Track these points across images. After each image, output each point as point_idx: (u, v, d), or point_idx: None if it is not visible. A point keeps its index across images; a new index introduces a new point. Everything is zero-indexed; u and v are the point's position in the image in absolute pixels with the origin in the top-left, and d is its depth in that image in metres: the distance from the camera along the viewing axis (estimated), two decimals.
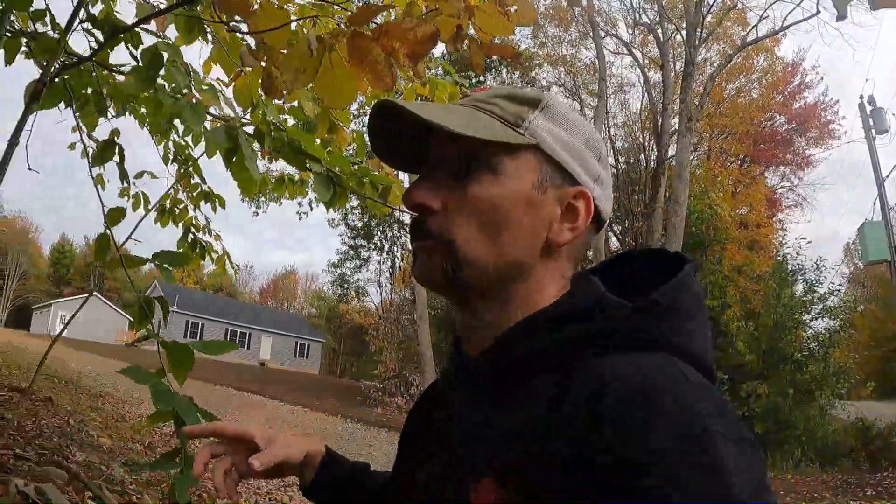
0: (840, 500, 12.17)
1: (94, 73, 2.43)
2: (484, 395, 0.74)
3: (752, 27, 20.57)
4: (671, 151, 21.09)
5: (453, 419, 0.78)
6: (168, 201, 3.99)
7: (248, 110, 2.37)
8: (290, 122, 2.52)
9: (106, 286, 62.19)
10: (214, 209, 3.96)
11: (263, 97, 2.35)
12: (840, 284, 28.87)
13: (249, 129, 2.31)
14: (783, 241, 24.58)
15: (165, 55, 1.88)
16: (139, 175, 3.70)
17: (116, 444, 7.25)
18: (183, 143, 3.69)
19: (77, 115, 2.53)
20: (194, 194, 3.96)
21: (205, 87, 2.06)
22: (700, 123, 21.60)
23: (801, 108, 27.32)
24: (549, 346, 0.69)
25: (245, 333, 43.81)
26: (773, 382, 19.39)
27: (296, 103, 2.40)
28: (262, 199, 23.28)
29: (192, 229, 3.99)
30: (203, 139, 2.87)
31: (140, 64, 1.89)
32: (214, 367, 29.08)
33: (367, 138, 0.84)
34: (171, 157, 3.87)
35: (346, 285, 42.61)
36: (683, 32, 20.30)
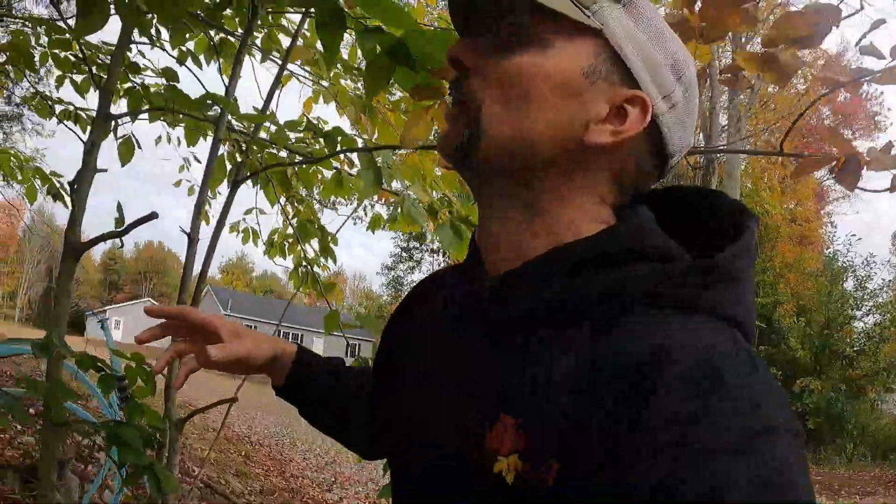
0: (893, 493, 12.28)
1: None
2: (505, 330, 0.66)
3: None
4: None
5: (464, 348, 0.71)
6: (276, 236, 4.41)
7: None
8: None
9: (158, 292, 63.66)
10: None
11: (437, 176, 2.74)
12: (891, 278, 28.55)
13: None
14: (832, 236, 24.58)
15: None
16: (248, 211, 4.09)
17: (219, 457, 7.74)
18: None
19: (276, 195, 2.94)
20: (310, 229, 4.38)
21: (412, 185, 2.46)
22: (748, 122, 21.64)
23: (846, 100, 27.12)
24: (594, 295, 0.60)
25: (297, 335, 43.91)
26: (826, 378, 19.47)
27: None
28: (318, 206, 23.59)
29: (304, 262, 4.43)
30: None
31: (363, 168, 2.26)
32: None
33: None
34: (277, 198, 4.30)
35: (400, 287, 43.50)
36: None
